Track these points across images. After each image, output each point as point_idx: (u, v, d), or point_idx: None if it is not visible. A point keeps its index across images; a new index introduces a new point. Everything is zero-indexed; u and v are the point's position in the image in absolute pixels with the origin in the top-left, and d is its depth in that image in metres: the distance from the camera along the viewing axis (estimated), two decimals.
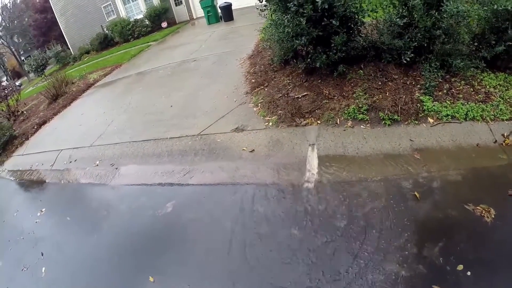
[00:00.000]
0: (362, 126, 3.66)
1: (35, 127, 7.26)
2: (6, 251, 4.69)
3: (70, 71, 12.81)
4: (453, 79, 3.65)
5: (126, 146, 5.15)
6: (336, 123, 3.80)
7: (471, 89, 3.52)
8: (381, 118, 3.57)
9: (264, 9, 4.43)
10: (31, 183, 5.80)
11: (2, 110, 8.24)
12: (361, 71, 4.01)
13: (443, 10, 3.19)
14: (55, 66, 17.50)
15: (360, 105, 3.74)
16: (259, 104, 4.65)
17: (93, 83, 8.83)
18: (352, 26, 3.87)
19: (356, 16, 3.79)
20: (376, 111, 3.66)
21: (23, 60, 23.15)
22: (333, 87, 4.14)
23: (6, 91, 8.56)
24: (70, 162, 5.59)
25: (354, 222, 2.84)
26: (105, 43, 15.75)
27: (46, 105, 8.33)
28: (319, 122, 3.91)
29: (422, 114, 3.47)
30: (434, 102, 3.48)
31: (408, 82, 3.74)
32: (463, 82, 3.61)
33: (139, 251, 3.40)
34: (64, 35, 19.17)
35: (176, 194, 3.96)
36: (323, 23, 3.73)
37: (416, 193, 2.92)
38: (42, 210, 4.94)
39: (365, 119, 3.65)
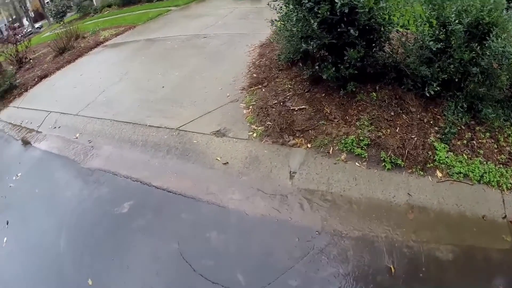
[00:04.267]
0: (357, 164, 3.07)
1: (36, 80, 7.17)
2: None
3: (87, 23, 12.60)
4: (477, 128, 2.95)
5: (107, 124, 4.86)
6: (328, 152, 3.22)
7: (495, 145, 2.84)
8: (382, 159, 2.96)
9: None
10: (17, 141, 5.75)
11: (11, 55, 8.17)
12: (374, 94, 3.33)
13: (486, 45, 2.43)
14: (75, 15, 17.28)
15: (361, 137, 3.12)
16: (251, 107, 4.11)
17: (103, 42, 8.53)
18: (374, 39, 3.13)
19: (382, 29, 3.05)
20: (378, 148, 3.04)
21: (47, 2, 23.22)
22: (337, 106, 3.50)
23: (18, 36, 8.45)
24: (55, 128, 5.43)
25: None
26: None
27: (52, 57, 8.18)
28: (309, 146, 3.34)
29: (431, 164, 2.82)
30: (449, 152, 2.82)
31: (425, 120, 3.04)
32: (487, 134, 2.90)
33: (82, 246, 3.29)
34: None
35: (137, 193, 3.69)
36: (339, 29, 3.04)
37: (392, 266, 2.40)
38: (18, 174, 4.88)
39: (363, 155, 3.05)
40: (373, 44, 3.17)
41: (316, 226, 2.76)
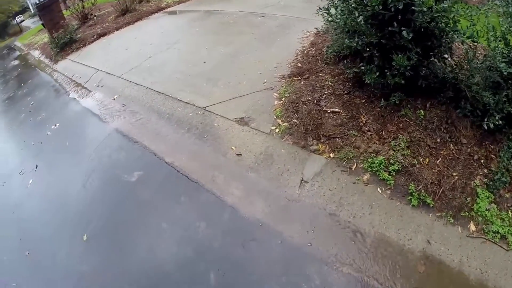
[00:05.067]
0: (378, 189, 2.74)
1: (95, 37, 7.81)
2: (18, 150, 5.40)
3: None
4: None
5: (142, 91, 5.10)
6: (350, 168, 2.94)
7: None
8: (409, 191, 2.60)
9: None
10: (64, 93, 6.40)
11: (77, 10, 8.99)
12: (422, 112, 2.90)
13: None
14: None
15: (392, 160, 2.77)
16: (283, 99, 3.92)
17: (164, 8, 8.86)
18: (432, 47, 2.69)
19: (443, 35, 2.59)
20: (409, 178, 2.67)
21: None
22: (375, 117, 3.15)
23: None
24: (98, 86, 5.89)
25: None
26: None
27: (114, 17, 8.80)
28: (331, 155, 3.09)
29: (466, 213, 2.38)
30: (492, 204, 2.34)
31: (475, 157, 2.56)
32: None
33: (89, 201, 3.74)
34: None
35: (148, 165, 3.86)
36: (390, 28, 2.68)
37: None
38: (57, 125, 5.45)
39: (389, 182, 2.71)
40: (430, 53, 2.72)
41: (305, 247, 2.58)
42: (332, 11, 3.36)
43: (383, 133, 3.04)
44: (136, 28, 8.10)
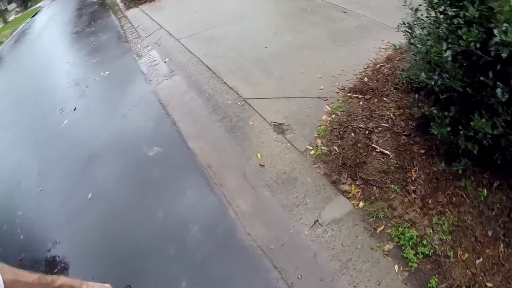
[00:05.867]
0: (395, 267, 2.31)
1: None
2: (65, 87, 5.82)
3: None
4: None
5: (193, 61, 5.05)
6: (375, 229, 2.53)
7: None
8: (429, 286, 2.17)
9: None
10: (125, 41, 6.66)
11: None
12: (485, 192, 2.37)
13: None
14: None
15: (425, 241, 2.31)
16: (333, 116, 3.55)
17: None
18: None
19: None
20: (434, 269, 2.20)
21: None
22: (428, 177, 2.67)
23: None
24: (155, 44, 6.00)
25: None
26: None
27: None
28: (360, 205, 2.71)
29: None
30: None
31: None
32: None
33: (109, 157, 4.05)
34: None
35: (170, 144, 3.85)
36: (481, 78, 2.18)
37: None
38: (106, 72, 5.71)
39: (411, 263, 2.26)
40: None
41: None
42: (417, 31, 2.88)
43: (430, 201, 2.56)
44: None
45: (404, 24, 2.95)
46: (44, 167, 4.26)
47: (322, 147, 3.24)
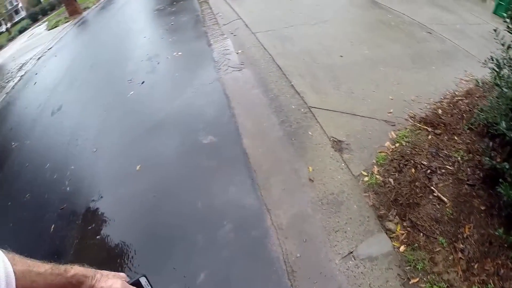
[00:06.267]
0: None
1: None
2: (138, 60, 6.21)
3: None
4: None
5: (265, 58, 5.10)
6: (409, 279, 2.32)
7: None
8: None
9: None
10: (201, 27, 6.93)
11: None
12: None
13: None
14: None
15: None
16: (396, 145, 3.35)
17: None
18: None
19: None
20: None
21: None
22: (481, 238, 2.40)
23: None
24: (231, 33, 6.15)
25: None
26: None
27: None
28: (401, 249, 2.50)
29: None
30: None
31: None
32: None
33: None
34: None
35: (226, 138, 3.91)
36: None
37: None
38: (179, 53, 5.99)
39: None
40: None
41: None
42: (505, 71, 2.59)
43: (475, 266, 2.30)
44: None
45: (492, 60, 2.68)
46: (102, 130, 4.64)
47: (378, 176, 3.07)
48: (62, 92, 6.42)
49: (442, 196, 2.74)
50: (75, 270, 0.92)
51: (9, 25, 23.60)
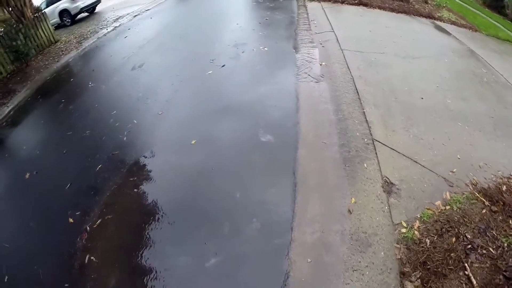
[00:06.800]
0: None
1: (356, 1, 8.15)
2: (227, 46, 6.61)
3: None
4: None
5: (345, 77, 5.24)
6: None
7: None
8: None
9: None
10: (295, 27, 7.14)
11: None
12: None
13: None
14: None
15: None
16: (447, 207, 3.26)
17: (435, 18, 8.21)
18: None
19: None
20: None
21: None
22: None
23: None
24: (321, 43, 6.51)
25: None
26: None
27: None
28: None
29: None
30: None
31: None
32: None
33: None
34: None
35: (283, 145, 4.11)
36: None
37: None
38: (265, 48, 6.29)
39: None
40: None
41: None
42: None
43: None
44: (396, 18, 7.91)
45: None
46: (173, 98, 5.18)
47: (416, 232, 3.05)
48: (148, 52, 7.14)
49: (472, 278, 2.68)
50: None
51: None
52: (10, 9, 9.02)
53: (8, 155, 5.25)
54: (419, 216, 3.19)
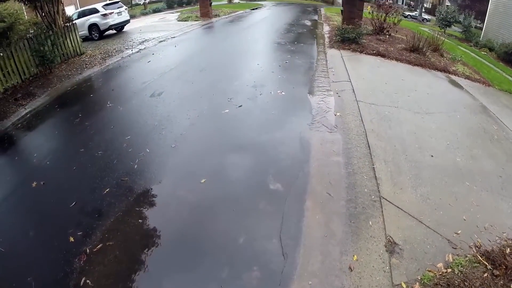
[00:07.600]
0: None
1: (374, 52, 8.74)
2: (245, 86, 6.87)
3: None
4: None
5: (358, 131, 5.38)
6: None
7: None
8: None
9: None
10: (314, 71, 7.45)
11: (378, 18, 10.43)
12: None
13: None
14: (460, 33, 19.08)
15: None
16: (448, 270, 3.26)
17: (449, 72, 8.58)
18: None
19: None
20: None
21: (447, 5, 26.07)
22: None
23: (390, 8, 10.33)
24: (336, 93, 6.69)
25: None
26: None
27: (401, 47, 9.39)
28: None
29: None
30: None
31: None
32: None
33: None
34: (486, 17, 18.10)
35: (291, 196, 4.23)
36: None
37: None
38: (283, 92, 6.55)
39: None
40: None
41: None
42: None
43: None
44: (412, 71, 8.23)
45: None
46: (188, 132, 5.40)
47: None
48: (168, 81, 7.51)
49: None
50: None
51: (147, 0, 27.73)
52: (43, 14, 9.48)
53: (18, 159, 5.43)
54: (419, 278, 3.21)
